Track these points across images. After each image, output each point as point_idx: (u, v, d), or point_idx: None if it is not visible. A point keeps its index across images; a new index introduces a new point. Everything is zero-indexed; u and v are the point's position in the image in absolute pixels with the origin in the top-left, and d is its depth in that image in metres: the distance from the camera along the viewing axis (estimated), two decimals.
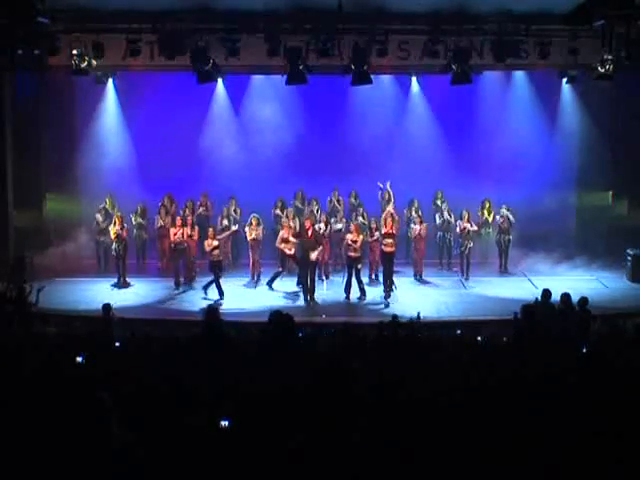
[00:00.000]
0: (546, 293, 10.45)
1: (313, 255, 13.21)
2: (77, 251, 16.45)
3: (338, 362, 5.01)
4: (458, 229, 14.90)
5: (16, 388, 5.36)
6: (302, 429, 4.41)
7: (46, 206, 16.31)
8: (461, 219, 14.85)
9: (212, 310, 7.77)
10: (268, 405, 4.87)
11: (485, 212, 15.71)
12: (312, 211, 15.37)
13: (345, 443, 4.39)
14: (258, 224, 14.64)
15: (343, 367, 4.89)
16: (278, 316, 7.46)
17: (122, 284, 14.28)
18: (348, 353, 7.07)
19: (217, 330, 7.59)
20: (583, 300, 10.26)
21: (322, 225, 14.62)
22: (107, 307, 10.27)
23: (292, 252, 13.81)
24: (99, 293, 13.29)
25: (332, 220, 15.18)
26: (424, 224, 14.81)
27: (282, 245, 13.79)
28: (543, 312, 10.12)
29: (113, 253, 14.53)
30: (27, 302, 10.66)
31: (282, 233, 13.92)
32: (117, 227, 14.32)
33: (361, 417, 4.69)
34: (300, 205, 16.07)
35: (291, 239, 13.75)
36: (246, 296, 13.52)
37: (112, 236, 14.40)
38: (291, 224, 14.52)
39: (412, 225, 14.92)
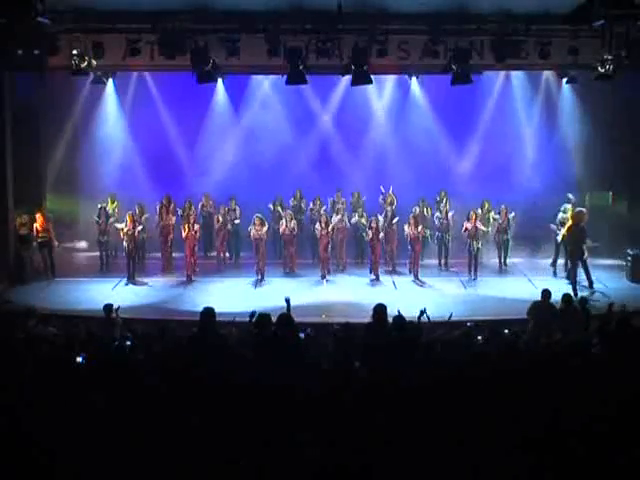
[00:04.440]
0: (546, 293, 10.46)
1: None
2: (77, 251, 16.49)
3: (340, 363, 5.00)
4: (463, 229, 14.89)
5: (16, 388, 5.36)
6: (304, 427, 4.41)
7: (46, 206, 16.31)
8: (468, 220, 14.82)
9: (207, 311, 7.74)
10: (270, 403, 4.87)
11: (484, 212, 15.73)
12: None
13: (344, 440, 4.39)
14: (262, 224, 14.68)
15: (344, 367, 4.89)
16: (264, 318, 7.49)
17: (133, 282, 14.42)
18: (348, 353, 7.06)
19: (211, 331, 7.57)
20: (583, 300, 10.28)
21: (323, 225, 14.69)
22: (108, 307, 10.27)
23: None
24: (99, 293, 13.29)
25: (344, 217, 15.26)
26: (420, 225, 14.80)
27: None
28: (544, 312, 10.13)
29: (124, 252, 14.64)
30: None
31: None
32: (129, 226, 14.40)
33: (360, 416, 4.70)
34: (298, 205, 16.10)
35: None
36: (248, 296, 13.53)
37: (122, 235, 14.50)
38: (290, 225, 14.67)
39: (405, 226, 14.90)
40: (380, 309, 8.15)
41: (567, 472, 4.39)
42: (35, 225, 14.77)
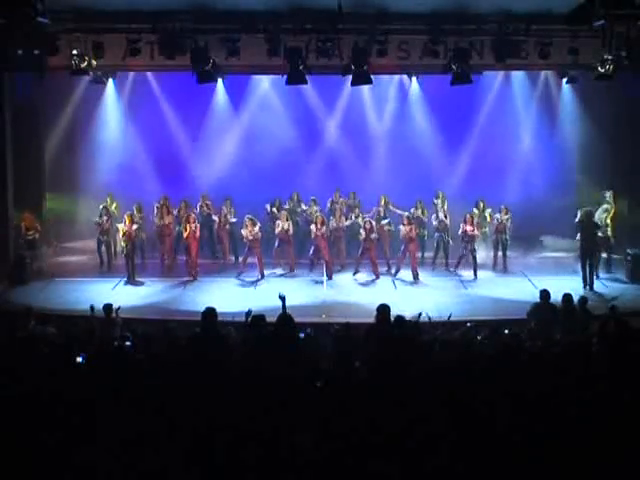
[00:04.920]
0: (545, 294, 10.44)
1: None
2: (77, 251, 16.49)
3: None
4: (460, 231, 14.84)
5: (17, 388, 5.36)
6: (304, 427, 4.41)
7: (46, 206, 16.32)
8: (465, 222, 14.78)
9: (208, 311, 7.74)
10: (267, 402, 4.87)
11: (480, 212, 15.69)
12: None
13: (344, 440, 4.39)
14: (253, 224, 14.66)
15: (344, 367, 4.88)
16: (257, 319, 7.50)
17: (132, 282, 14.38)
18: (348, 353, 7.06)
19: (213, 331, 7.57)
20: (583, 300, 10.27)
21: (319, 225, 14.64)
22: (108, 307, 10.26)
23: None
24: (99, 293, 13.28)
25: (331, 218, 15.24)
26: (413, 225, 14.78)
27: None
28: (545, 312, 10.12)
29: (122, 252, 14.63)
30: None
31: None
32: (127, 226, 14.40)
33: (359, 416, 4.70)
34: (293, 208, 16.02)
35: None
36: (248, 295, 13.53)
37: (121, 235, 14.51)
38: (285, 226, 14.71)
39: (400, 226, 14.88)
40: (383, 309, 8.15)
41: (567, 472, 4.39)
42: (23, 224, 14.76)
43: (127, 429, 4.65)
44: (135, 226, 14.66)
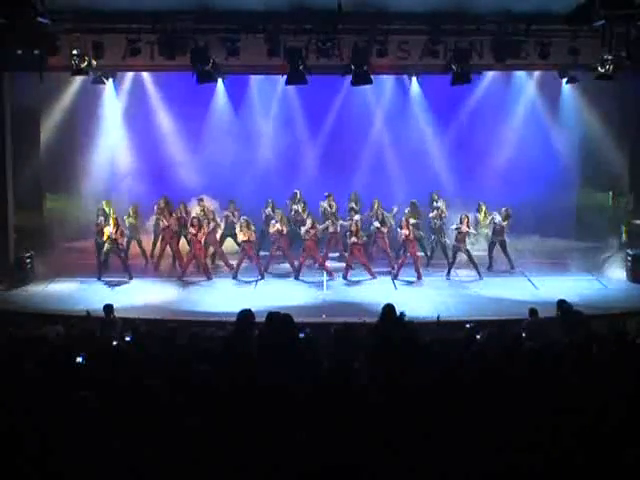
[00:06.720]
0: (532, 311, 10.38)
1: None
2: (77, 251, 16.48)
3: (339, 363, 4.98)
4: (464, 228, 14.59)
5: (16, 389, 5.36)
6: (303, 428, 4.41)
7: (46, 206, 16.32)
8: (460, 222, 14.70)
9: (245, 312, 7.69)
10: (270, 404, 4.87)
11: (481, 215, 15.64)
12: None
13: (343, 441, 4.40)
14: (248, 227, 14.60)
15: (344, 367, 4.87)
16: (277, 317, 7.43)
17: (103, 281, 14.39)
18: (348, 353, 7.05)
19: (247, 333, 7.51)
20: (561, 301, 10.13)
21: (308, 227, 14.56)
22: (108, 307, 10.26)
23: None
24: (99, 293, 13.29)
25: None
26: (411, 227, 14.68)
27: None
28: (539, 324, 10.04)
29: (104, 252, 14.60)
30: None
31: None
32: (112, 228, 14.37)
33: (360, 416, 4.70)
34: (293, 206, 15.96)
35: None
36: (248, 296, 13.53)
37: (104, 237, 14.44)
38: (279, 227, 14.68)
39: (399, 229, 14.81)
40: (389, 309, 8.13)
41: (567, 472, 4.39)
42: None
43: (126, 430, 4.65)
44: (114, 229, 14.47)
